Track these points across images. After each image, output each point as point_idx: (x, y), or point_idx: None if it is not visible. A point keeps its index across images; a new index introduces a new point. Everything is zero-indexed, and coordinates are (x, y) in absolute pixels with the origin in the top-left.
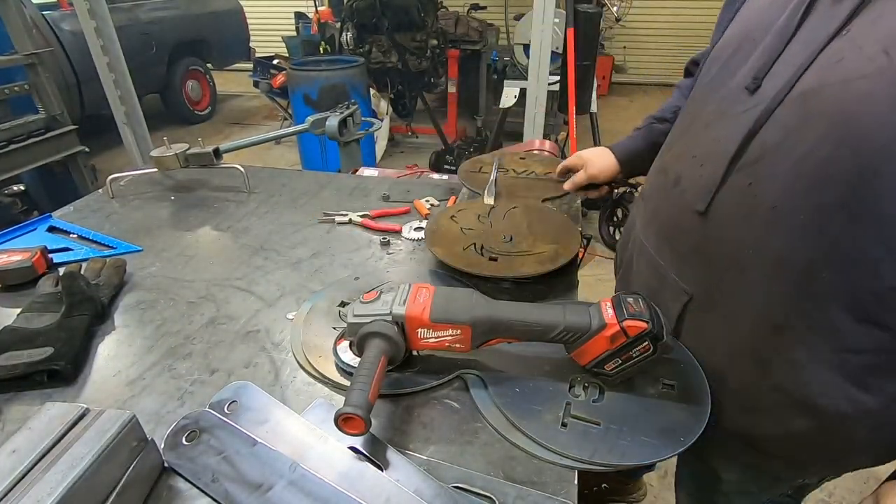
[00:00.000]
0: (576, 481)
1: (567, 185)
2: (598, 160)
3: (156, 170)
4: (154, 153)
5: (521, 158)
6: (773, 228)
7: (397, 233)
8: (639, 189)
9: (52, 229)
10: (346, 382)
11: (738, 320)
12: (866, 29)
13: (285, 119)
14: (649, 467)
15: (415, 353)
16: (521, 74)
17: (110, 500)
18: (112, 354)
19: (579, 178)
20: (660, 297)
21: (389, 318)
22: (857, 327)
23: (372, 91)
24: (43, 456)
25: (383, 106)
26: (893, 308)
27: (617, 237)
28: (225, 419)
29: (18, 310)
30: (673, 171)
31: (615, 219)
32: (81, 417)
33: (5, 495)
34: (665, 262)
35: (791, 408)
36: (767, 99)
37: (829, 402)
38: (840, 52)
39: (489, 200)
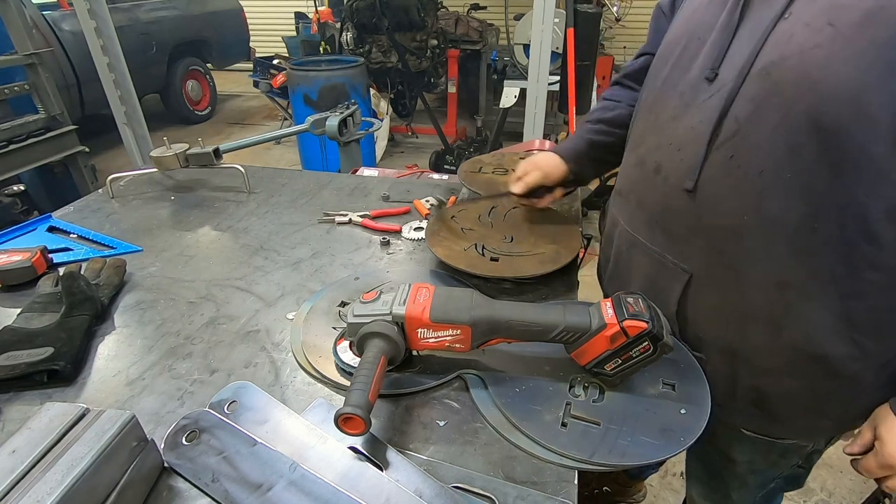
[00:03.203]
0: (576, 481)
1: (517, 187)
2: (545, 161)
3: (156, 170)
4: (154, 153)
5: (520, 159)
6: (764, 192)
7: (397, 233)
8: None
9: (52, 229)
10: (346, 382)
11: (745, 287)
12: (805, 9)
13: (285, 119)
14: (654, 467)
15: (415, 353)
16: (521, 74)
17: (110, 500)
18: (112, 354)
19: (532, 177)
20: (659, 283)
21: (389, 318)
22: (855, 272)
23: (372, 91)
24: (43, 456)
25: (383, 106)
26: (883, 244)
27: None
28: (225, 419)
29: (18, 310)
30: (651, 162)
31: None
32: (81, 417)
33: (5, 495)
34: (660, 248)
35: (803, 363)
36: (728, 83)
37: (837, 350)
38: (789, 31)
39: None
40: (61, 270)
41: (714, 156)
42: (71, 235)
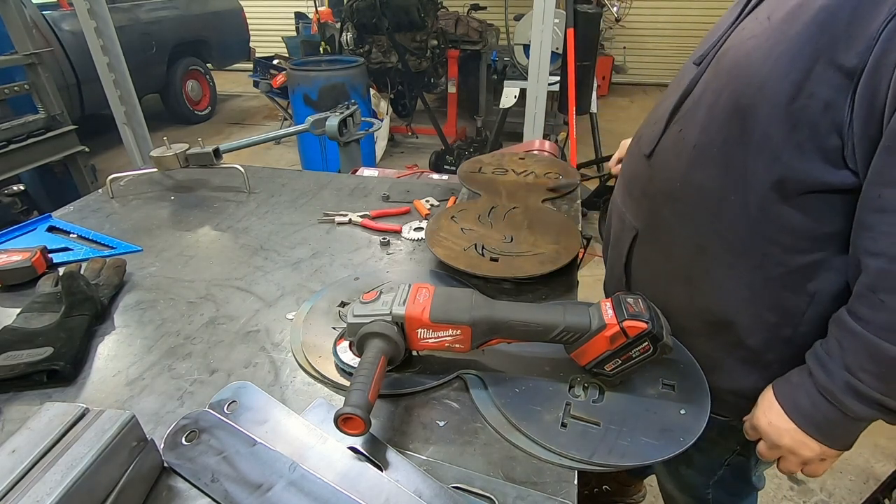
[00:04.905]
0: (575, 481)
1: (616, 170)
2: None
3: (156, 170)
4: (154, 153)
5: (520, 159)
6: (694, 163)
7: (397, 233)
8: None
9: (52, 229)
10: (346, 382)
11: (672, 246)
12: (765, 5)
13: (285, 119)
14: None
15: (415, 353)
16: (521, 74)
17: (110, 500)
18: (112, 354)
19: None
20: (620, 239)
21: (389, 318)
22: (757, 244)
23: (372, 91)
24: (43, 456)
25: (383, 106)
26: (774, 220)
27: None
28: (225, 419)
29: (18, 310)
30: (638, 134)
31: None
32: (81, 417)
33: (5, 495)
34: (625, 208)
35: (714, 326)
36: (700, 68)
37: (742, 318)
38: (745, 24)
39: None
40: (61, 270)
41: (671, 129)
42: (71, 235)
